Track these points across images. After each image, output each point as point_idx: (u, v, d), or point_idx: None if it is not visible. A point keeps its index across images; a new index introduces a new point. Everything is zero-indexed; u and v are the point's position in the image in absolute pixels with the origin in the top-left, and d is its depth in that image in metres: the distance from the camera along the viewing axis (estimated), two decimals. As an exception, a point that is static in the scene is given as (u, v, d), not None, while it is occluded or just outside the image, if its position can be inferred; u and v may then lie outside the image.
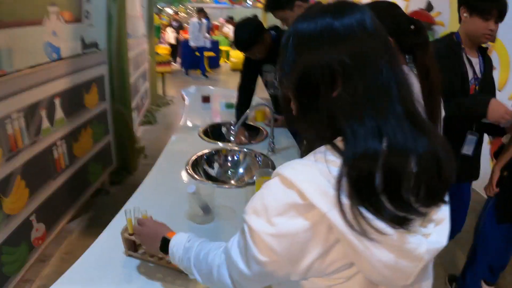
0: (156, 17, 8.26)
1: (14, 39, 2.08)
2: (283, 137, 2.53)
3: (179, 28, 11.52)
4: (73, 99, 2.78)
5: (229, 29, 12.69)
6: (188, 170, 1.95)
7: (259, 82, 2.83)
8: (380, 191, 0.62)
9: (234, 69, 11.25)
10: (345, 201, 0.61)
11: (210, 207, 1.50)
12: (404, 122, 0.67)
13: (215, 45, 10.90)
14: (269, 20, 10.99)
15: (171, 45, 11.23)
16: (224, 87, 8.30)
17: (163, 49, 9.63)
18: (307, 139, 0.81)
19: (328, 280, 0.69)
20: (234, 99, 3.19)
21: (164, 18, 13.09)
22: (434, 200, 0.68)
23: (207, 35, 9.90)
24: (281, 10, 2.17)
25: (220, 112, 3.18)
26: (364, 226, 0.60)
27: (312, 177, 0.65)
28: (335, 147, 0.68)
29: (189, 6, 16.47)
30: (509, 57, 3.75)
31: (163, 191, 1.74)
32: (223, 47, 12.29)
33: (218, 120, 2.91)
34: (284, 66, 0.76)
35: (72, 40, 2.78)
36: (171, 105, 6.81)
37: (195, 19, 9.71)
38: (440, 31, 5.10)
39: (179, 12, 13.79)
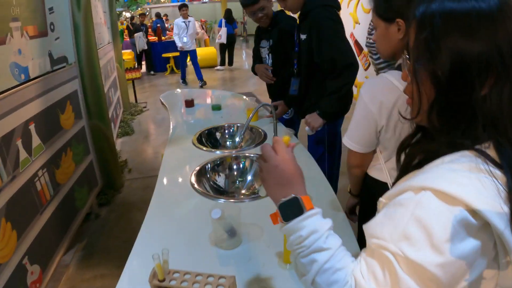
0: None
1: (-24, 64, 1.83)
2: (282, 134, 2.36)
3: (146, 31, 10.68)
4: (48, 122, 2.52)
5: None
6: (195, 187, 1.76)
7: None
8: None
9: (201, 67, 10.99)
10: None
11: (236, 229, 1.34)
12: None
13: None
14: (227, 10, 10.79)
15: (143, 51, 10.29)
16: (193, 88, 8.05)
17: (126, 54, 9.23)
18: (438, 142, 0.69)
19: None
20: (217, 100, 3.00)
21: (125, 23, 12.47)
22: None
23: (198, 30, 8.79)
24: None
25: (207, 115, 2.95)
26: None
27: (482, 191, 0.57)
28: (486, 155, 0.60)
29: (147, 8, 16.03)
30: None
31: (174, 218, 1.54)
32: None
33: (207, 125, 2.66)
34: (422, 51, 0.65)
35: (39, 57, 2.51)
36: (144, 112, 6.52)
37: (179, 20, 8.26)
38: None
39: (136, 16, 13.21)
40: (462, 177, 0.58)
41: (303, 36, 2.26)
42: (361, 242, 1.01)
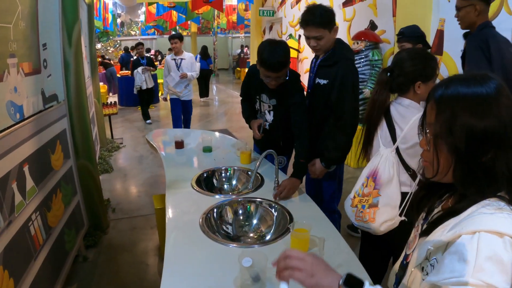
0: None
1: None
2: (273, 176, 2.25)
3: (151, 64, 8.97)
4: (40, 163, 2.43)
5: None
6: (206, 233, 1.73)
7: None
8: None
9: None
10: None
11: (261, 275, 1.36)
12: None
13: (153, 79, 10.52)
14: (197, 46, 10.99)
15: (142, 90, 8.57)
16: (168, 124, 7.86)
17: (100, 87, 9.05)
18: (466, 193, 0.86)
19: None
20: (206, 142, 2.97)
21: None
22: None
23: (195, 73, 6.09)
24: (321, 28, 2.23)
25: (199, 157, 2.90)
26: None
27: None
28: (504, 198, 0.80)
29: (117, 40, 15.99)
30: (458, 69, 3.95)
31: (193, 266, 1.51)
32: (160, 80, 11.97)
33: (201, 167, 2.62)
34: (443, 128, 0.83)
35: (33, 95, 2.43)
36: (121, 148, 6.37)
37: (170, 56, 6.00)
38: (387, 48, 5.31)
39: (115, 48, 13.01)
40: (498, 217, 0.76)
41: (321, 81, 2.34)
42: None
